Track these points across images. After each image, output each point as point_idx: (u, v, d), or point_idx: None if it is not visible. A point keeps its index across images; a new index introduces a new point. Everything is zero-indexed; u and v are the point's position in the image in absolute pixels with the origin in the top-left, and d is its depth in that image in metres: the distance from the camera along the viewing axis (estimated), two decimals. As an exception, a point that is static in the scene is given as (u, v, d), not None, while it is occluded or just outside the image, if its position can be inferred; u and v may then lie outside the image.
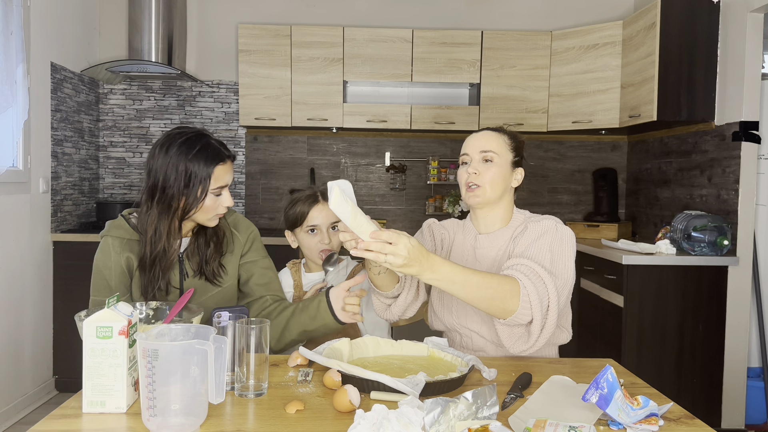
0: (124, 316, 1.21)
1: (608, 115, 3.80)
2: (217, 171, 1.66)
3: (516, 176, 1.72)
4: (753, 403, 3.22)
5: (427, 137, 4.40)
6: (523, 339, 1.54)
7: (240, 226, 1.86)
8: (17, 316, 3.27)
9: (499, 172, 1.67)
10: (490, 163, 1.67)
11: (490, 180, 1.66)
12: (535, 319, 1.48)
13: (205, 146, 1.66)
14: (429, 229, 1.84)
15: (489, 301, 1.45)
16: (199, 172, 1.64)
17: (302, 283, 1.99)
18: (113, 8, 4.24)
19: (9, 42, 3.05)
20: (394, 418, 1.05)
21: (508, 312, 1.47)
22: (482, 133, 1.73)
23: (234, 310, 1.40)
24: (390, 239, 1.32)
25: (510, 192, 1.73)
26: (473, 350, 1.72)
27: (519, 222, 1.72)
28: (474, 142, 1.71)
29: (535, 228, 1.65)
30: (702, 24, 3.30)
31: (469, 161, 1.70)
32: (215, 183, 1.66)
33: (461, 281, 1.42)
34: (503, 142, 1.71)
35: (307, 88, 4.00)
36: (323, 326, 1.70)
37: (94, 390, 1.20)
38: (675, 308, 3.11)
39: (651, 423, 1.16)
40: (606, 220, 4.13)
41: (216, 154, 1.66)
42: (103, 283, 1.72)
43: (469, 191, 1.68)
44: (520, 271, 1.52)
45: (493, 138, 1.71)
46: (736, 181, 3.15)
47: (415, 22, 4.30)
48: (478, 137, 1.72)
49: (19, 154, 3.27)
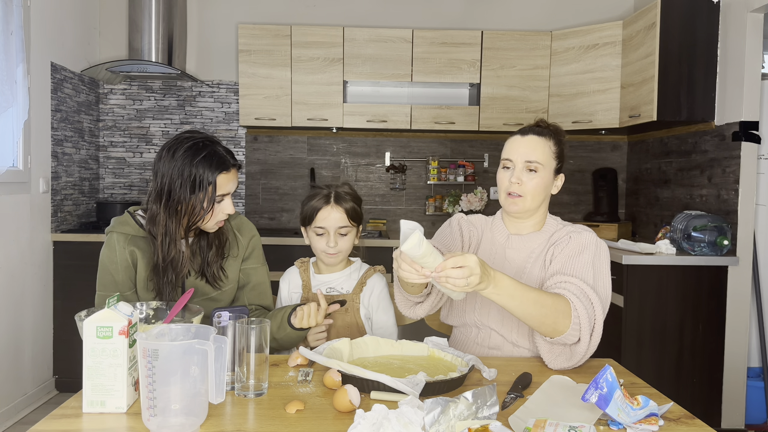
0: (124, 316, 1.21)
1: (608, 115, 3.80)
2: (221, 179, 1.67)
3: (557, 183, 1.69)
4: (753, 403, 3.22)
5: (427, 137, 4.40)
6: (564, 356, 1.52)
7: (243, 229, 1.88)
8: (17, 316, 3.27)
9: (542, 183, 1.63)
10: (534, 173, 1.62)
11: (533, 190, 1.62)
12: (583, 340, 1.47)
13: (211, 153, 1.67)
14: (458, 225, 1.80)
15: (542, 318, 1.44)
16: (203, 178, 1.65)
17: (311, 284, 1.94)
18: (113, 8, 4.24)
19: (9, 42, 3.05)
20: (394, 418, 1.05)
21: (558, 332, 1.46)
22: (528, 139, 1.65)
23: (234, 310, 1.41)
24: (458, 263, 1.28)
25: (548, 199, 1.70)
26: (488, 347, 1.72)
27: (553, 228, 1.69)
28: (520, 149, 1.64)
29: (577, 240, 1.61)
30: (702, 24, 3.30)
31: (511, 167, 1.65)
32: (218, 191, 1.67)
33: (519, 296, 1.40)
34: (548, 150, 1.64)
35: (307, 88, 4.00)
36: (286, 335, 1.72)
37: (94, 390, 1.20)
38: (675, 308, 3.11)
39: (651, 423, 1.16)
40: (606, 220, 4.13)
41: (221, 162, 1.67)
42: (109, 278, 1.73)
43: (510, 198, 1.64)
44: (570, 291, 1.50)
45: (539, 146, 1.63)
46: (736, 181, 3.15)
47: (415, 22, 4.30)
48: (524, 144, 1.64)
49: (19, 154, 3.27)
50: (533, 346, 1.67)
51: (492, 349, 1.71)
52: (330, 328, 1.84)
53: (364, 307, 1.89)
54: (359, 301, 1.89)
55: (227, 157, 1.69)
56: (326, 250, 1.84)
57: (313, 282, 1.93)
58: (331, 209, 1.83)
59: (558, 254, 1.61)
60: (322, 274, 1.93)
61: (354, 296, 1.88)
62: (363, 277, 1.92)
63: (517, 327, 1.67)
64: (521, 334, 1.67)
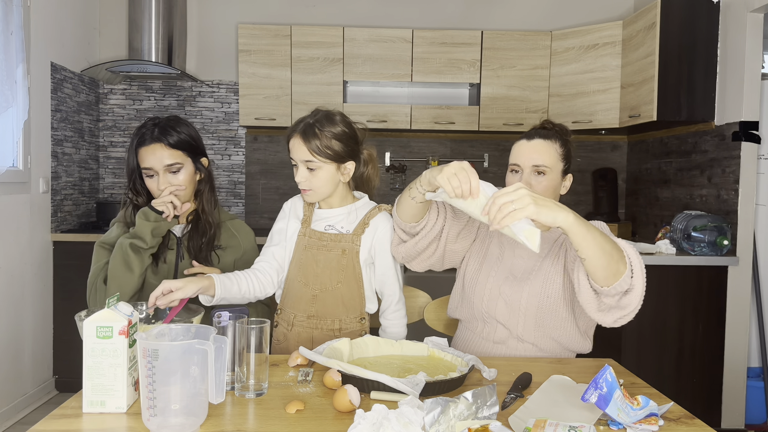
0: (124, 316, 1.21)
1: (608, 115, 3.80)
2: (141, 154, 1.79)
3: (565, 183, 1.70)
4: (753, 403, 3.22)
5: (427, 137, 4.40)
6: (616, 311, 1.44)
7: (241, 231, 1.96)
8: (17, 316, 3.27)
9: (550, 186, 1.65)
10: (542, 176, 1.64)
11: (542, 193, 1.62)
12: (636, 287, 1.40)
13: (136, 132, 1.82)
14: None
15: (611, 253, 1.35)
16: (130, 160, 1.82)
17: (311, 219, 1.81)
18: (113, 8, 4.24)
19: (9, 42, 3.05)
20: (394, 418, 1.05)
21: (619, 273, 1.37)
22: (535, 143, 1.66)
23: (234, 310, 1.41)
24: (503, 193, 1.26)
25: (557, 199, 1.69)
26: (493, 341, 1.72)
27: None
28: (527, 153, 1.65)
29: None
30: (702, 24, 3.30)
31: (519, 171, 1.66)
32: (142, 164, 1.80)
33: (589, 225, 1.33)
34: (555, 153, 1.66)
35: (307, 88, 4.00)
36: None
37: (94, 390, 1.20)
38: (675, 308, 3.11)
39: (651, 423, 1.16)
40: (606, 220, 4.13)
41: (140, 138, 1.80)
42: (104, 253, 1.84)
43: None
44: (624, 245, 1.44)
45: (546, 149, 1.65)
46: (736, 181, 3.15)
47: (415, 22, 4.30)
48: (530, 148, 1.65)
49: (19, 154, 3.27)
50: (538, 341, 1.68)
51: (497, 343, 1.71)
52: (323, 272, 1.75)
53: (366, 251, 1.76)
54: (359, 243, 1.76)
55: (150, 131, 1.79)
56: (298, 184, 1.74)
57: (314, 216, 1.81)
58: (294, 142, 1.71)
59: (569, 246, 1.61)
60: (322, 209, 1.81)
61: (354, 237, 1.76)
62: (366, 217, 1.78)
63: (524, 321, 1.67)
64: (527, 328, 1.67)
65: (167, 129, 1.80)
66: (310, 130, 1.69)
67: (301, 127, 1.71)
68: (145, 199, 1.86)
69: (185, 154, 1.81)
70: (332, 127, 1.70)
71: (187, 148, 1.81)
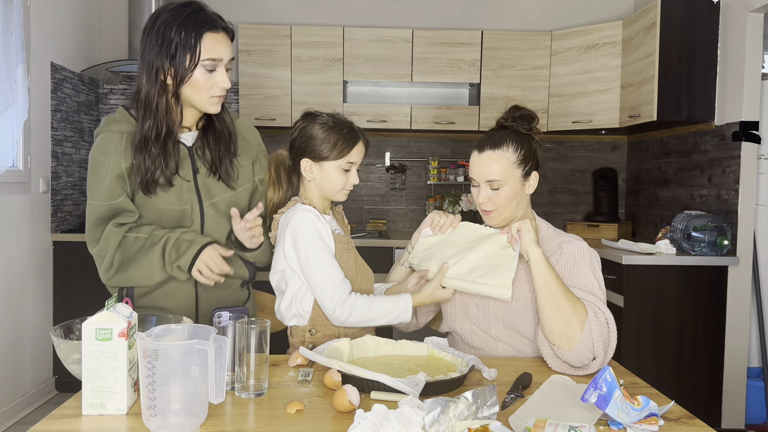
0: (123, 318, 1.21)
1: (608, 115, 3.80)
2: (207, 39, 1.52)
3: (529, 183, 1.66)
4: (753, 403, 3.22)
5: (427, 137, 4.40)
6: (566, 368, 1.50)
7: (250, 131, 1.80)
8: (17, 316, 3.27)
9: (509, 194, 1.62)
10: (497, 190, 1.62)
11: (502, 203, 1.63)
12: (597, 357, 1.46)
13: (195, 11, 1.53)
14: None
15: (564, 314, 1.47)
16: (185, 38, 1.51)
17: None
18: (113, 8, 4.24)
19: (9, 42, 3.05)
20: (394, 418, 1.05)
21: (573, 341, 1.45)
22: (485, 156, 1.62)
23: (234, 310, 1.41)
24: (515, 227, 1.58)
25: (525, 199, 1.69)
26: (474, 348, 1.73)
27: (543, 233, 1.68)
28: (479, 168, 1.63)
29: (570, 251, 1.60)
30: (702, 24, 3.30)
31: (477, 185, 1.66)
32: (206, 54, 1.53)
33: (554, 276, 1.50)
34: (507, 162, 1.61)
35: (307, 88, 4.00)
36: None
37: (93, 392, 1.20)
38: (675, 308, 3.11)
39: (651, 423, 1.16)
40: (606, 220, 4.13)
41: (206, 21, 1.53)
42: (100, 184, 1.60)
43: (485, 214, 1.67)
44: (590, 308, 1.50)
45: (497, 160, 1.60)
46: (736, 181, 3.15)
47: (415, 22, 4.30)
48: (481, 162, 1.63)
49: (19, 154, 3.27)
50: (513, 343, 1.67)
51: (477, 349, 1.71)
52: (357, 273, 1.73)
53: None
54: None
55: (214, 17, 1.55)
56: (348, 187, 1.71)
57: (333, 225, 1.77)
58: (362, 145, 1.72)
59: (555, 266, 1.60)
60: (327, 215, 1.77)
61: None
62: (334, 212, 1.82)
63: (495, 323, 1.67)
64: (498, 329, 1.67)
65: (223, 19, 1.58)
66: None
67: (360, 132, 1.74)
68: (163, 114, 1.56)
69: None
70: None
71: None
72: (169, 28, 1.51)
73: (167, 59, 1.52)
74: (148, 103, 1.56)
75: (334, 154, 1.67)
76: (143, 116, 1.57)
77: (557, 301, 1.47)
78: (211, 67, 1.54)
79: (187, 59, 1.52)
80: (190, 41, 1.51)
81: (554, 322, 1.47)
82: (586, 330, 1.45)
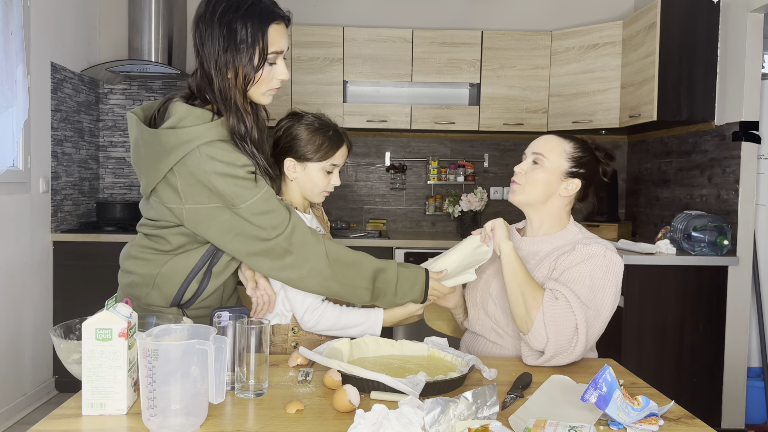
0: (123, 318, 1.21)
1: (608, 115, 3.80)
2: (272, 32, 1.45)
3: (566, 186, 1.67)
4: (753, 403, 3.22)
5: (427, 137, 4.40)
6: (534, 356, 1.57)
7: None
8: (17, 316, 3.27)
9: (543, 177, 1.65)
10: (537, 165, 1.67)
11: (531, 181, 1.66)
12: (550, 339, 1.51)
13: (257, 2, 1.45)
14: None
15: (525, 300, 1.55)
16: (253, 32, 1.42)
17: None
18: (113, 8, 4.24)
19: (9, 42, 3.05)
20: (394, 418, 1.05)
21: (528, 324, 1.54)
22: (546, 136, 1.72)
23: (234, 310, 1.40)
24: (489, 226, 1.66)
25: (559, 200, 1.69)
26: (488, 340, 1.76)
27: (570, 237, 1.69)
28: (534, 143, 1.72)
29: (582, 251, 1.61)
30: (702, 24, 3.30)
31: (525, 158, 1.71)
32: (271, 47, 1.46)
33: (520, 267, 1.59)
34: (560, 149, 1.67)
35: (307, 88, 4.00)
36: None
37: (93, 392, 1.20)
38: (675, 308, 3.11)
39: (651, 423, 1.16)
40: (606, 220, 4.13)
41: (269, 12, 1.45)
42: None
43: (512, 185, 1.71)
44: (553, 295, 1.55)
45: (551, 142, 1.69)
46: (736, 181, 3.15)
47: (415, 22, 4.30)
48: (540, 139, 1.71)
49: (19, 154, 3.27)
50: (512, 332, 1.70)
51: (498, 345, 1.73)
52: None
53: None
54: None
55: (273, 7, 1.47)
56: (329, 188, 1.74)
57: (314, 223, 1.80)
58: (345, 148, 1.74)
59: (560, 264, 1.62)
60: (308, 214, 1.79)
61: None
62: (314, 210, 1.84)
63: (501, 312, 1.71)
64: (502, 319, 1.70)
65: None
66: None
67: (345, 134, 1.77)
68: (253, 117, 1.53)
69: None
70: None
71: None
72: (233, 20, 1.42)
73: (235, 53, 1.44)
74: (224, 98, 1.47)
75: (318, 155, 1.70)
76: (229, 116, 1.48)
77: (520, 287, 1.56)
78: (273, 60, 1.48)
79: (256, 57, 1.44)
80: (258, 35, 1.43)
81: (516, 308, 1.57)
82: (539, 312, 1.53)
